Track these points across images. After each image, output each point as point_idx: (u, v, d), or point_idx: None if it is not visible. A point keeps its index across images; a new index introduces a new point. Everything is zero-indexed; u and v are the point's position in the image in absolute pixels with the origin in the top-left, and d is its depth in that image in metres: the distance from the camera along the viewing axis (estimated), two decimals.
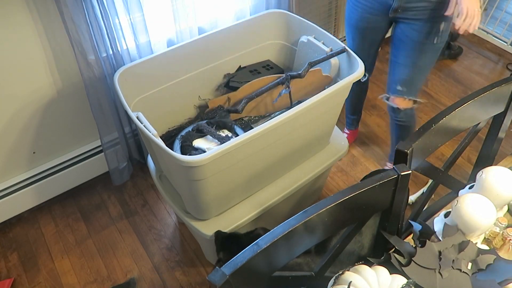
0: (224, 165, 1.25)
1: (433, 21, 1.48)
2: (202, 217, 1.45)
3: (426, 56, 1.56)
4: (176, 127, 1.62)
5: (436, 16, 1.46)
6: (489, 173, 1.05)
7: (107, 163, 1.88)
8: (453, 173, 1.54)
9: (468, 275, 0.91)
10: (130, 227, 1.91)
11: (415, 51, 1.55)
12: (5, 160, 1.73)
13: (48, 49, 1.56)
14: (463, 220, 0.98)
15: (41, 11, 1.46)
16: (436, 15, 1.46)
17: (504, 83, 1.21)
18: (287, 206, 1.74)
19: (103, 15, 1.50)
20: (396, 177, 0.95)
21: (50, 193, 1.93)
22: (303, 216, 0.87)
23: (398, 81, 1.63)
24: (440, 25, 1.48)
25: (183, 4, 1.66)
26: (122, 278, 1.75)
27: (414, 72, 1.60)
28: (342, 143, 1.72)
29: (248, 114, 1.63)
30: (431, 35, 1.50)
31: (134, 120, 1.25)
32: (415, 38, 1.52)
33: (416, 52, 1.55)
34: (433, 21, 1.48)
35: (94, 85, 1.64)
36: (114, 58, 1.63)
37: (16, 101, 1.61)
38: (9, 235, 1.88)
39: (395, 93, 1.67)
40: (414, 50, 1.55)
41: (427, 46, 1.53)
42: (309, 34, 1.63)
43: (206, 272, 1.76)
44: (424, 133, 1.07)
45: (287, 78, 1.54)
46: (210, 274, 0.77)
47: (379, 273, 0.88)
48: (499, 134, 1.32)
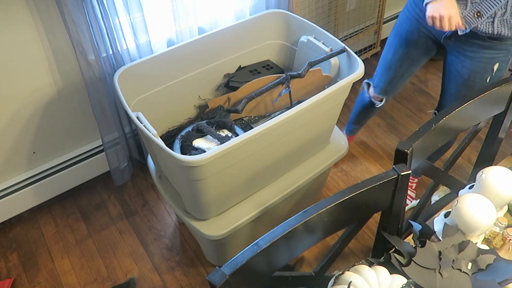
0: (224, 165, 1.25)
1: (486, 61, 1.40)
2: (202, 217, 1.45)
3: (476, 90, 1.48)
4: (176, 127, 1.62)
5: (490, 57, 1.39)
6: (489, 173, 1.05)
7: (108, 163, 1.88)
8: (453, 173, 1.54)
9: (468, 275, 0.91)
10: (130, 227, 1.91)
11: (465, 87, 1.48)
12: (5, 160, 1.73)
13: (48, 49, 1.56)
14: (463, 220, 0.98)
15: (41, 11, 1.46)
16: (490, 56, 1.38)
17: (504, 83, 1.21)
18: (287, 206, 1.74)
19: (103, 15, 1.50)
20: (396, 177, 0.95)
21: (50, 193, 1.93)
22: (303, 216, 0.87)
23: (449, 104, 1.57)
24: (494, 66, 1.41)
25: (183, 4, 1.66)
26: (122, 278, 1.75)
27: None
28: (342, 143, 1.72)
29: (248, 114, 1.63)
30: (484, 75, 1.43)
31: (134, 120, 1.25)
32: (466, 76, 1.45)
33: (466, 88, 1.48)
34: (486, 61, 1.40)
35: (94, 85, 1.64)
36: (114, 58, 1.63)
37: (16, 101, 1.61)
38: (9, 235, 1.88)
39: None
40: (464, 86, 1.48)
41: (478, 84, 1.45)
42: (309, 34, 1.63)
43: (206, 272, 1.76)
44: (424, 133, 1.07)
45: (287, 78, 1.54)
46: (210, 274, 0.77)
47: (379, 273, 0.88)
48: (499, 134, 1.32)
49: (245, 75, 1.68)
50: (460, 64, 1.45)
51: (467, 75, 1.45)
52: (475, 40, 1.37)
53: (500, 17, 1.27)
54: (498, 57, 1.39)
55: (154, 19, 1.68)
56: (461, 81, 1.48)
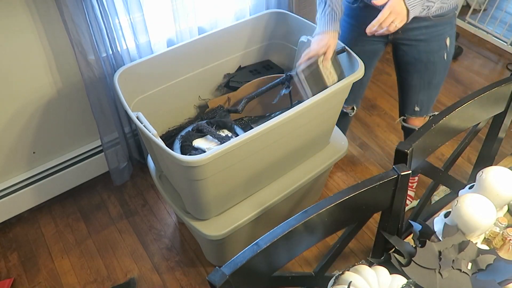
0: (224, 165, 1.25)
1: (437, 38, 1.44)
2: (202, 217, 1.45)
3: (439, 73, 1.52)
4: (176, 127, 1.62)
5: (440, 34, 1.44)
6: (489, 173, 1.05)
7: (108, 163, 1.89)
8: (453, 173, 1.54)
9: (468, 275, 0.91)
10: (130, 227, 1.91)
11: (427, 71, 1.51)
12: (5, 160, 1.73)
13: (48, 49, 1.56)
14: (463, 220, 0.98)
15: (41, 11, 1.46)
16: (439, 32, 1.43)
17: (504, 83, 1.21)
18: (287, 206, 1.74)
19: (103, 15, 1.50)
20: (396, 177, 0.95)
21: (50, 193, 1.93)
22: (303, 216, 0.87)
23: (415, 103, 1.61)
24: (446, 40, 1.46)
25: (183, 4, 1.66)
26: (122, 278, 1.75)
27: (429, 91, 1.57)
28: (342, 143, 1.72)
29: (248, 114, 1.63)
30: (440, 52, 1.47)
31: (134, 120, 1.25)
32: (424, 59, 1.48)
33: (429, 72, 1.51)
34: (438, 38, 1.44)
35: (94, 85, 1.64)
36: (114, 58, 1.63)
37: (16, 101, 1.61)
38: (9, 235, 1.88)
39: (412, 115, 1.65)
40: (427, 70, 1.51)
41: (438, 64, 1.49)
42: (309, 34, 1.63)
43: (206, 272, 1.76)
44: (424, 133, 1.07)
45: (287, 78, 1.54)
46: (210, 274, 0.77)
47: (379, 273, 0.88)
48: (499, 134, 1.32)
49: (245, 75, 1.68)
50: (415, 50, 1.48)
51: (426, 57, 1.48)
52: (422, 23, 1.41)
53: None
54: (446, 31, 1.44)
55: (154, 19, 1.68)
56: (422, 67, 1.51)
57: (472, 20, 3.04)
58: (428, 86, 1.55)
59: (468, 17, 3.04)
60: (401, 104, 1.69)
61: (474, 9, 3.06)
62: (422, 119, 1.66)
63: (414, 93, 1.59)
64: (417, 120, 1.67)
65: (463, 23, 3.08)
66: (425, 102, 1.61)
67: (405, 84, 1.60)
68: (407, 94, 1.62)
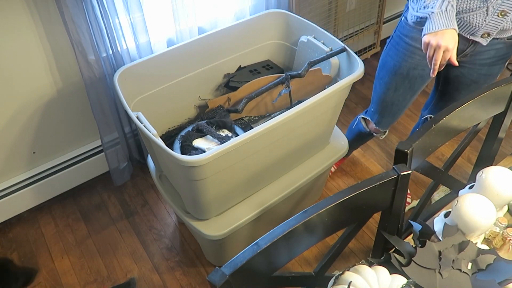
0: (224, 165, 1.25)
1: (501, 62, 1.38)
2: (202, 217, 1.45)
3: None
4: (176, 127, 1.62)
5: (504, 57, 1.37)
6: (489, 173, 1.05)
7: (108, 163, 1.88)
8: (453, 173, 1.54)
9: (468, 275, 0.91)
10: (130, 227, 1.91)
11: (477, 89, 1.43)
12: (5, 160, 1.73)
13: (48, 49, 1.56)
14: (463, 220, 0.97)
15: (41, 11, 1.46)
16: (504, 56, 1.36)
17: (504, 83, 1.21)
18: (287, 206, 1.74)
19: (103, 15, 1.50)
20: (396, 177, 0.95)
21: (50, 193, 1.93)
22: (303, 216, 0.87)
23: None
24: (506, 63, 1.40)
25: (183, 4, 1.66)
26: (122, 278, 1.75)
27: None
28: (342, 143, 1.72)
29: (248, 114, 1.63)
30: (497, 74, 1.42)
31: (134, 120, 1.25)
32: (482, 82, 1.42)
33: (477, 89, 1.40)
34: (501, 62, 1.38)
35: (94, 85, 1.64)
36: (114, 58, 1.63)
37: (16, 101, 1.61)
38: (9, 235, 1.88)
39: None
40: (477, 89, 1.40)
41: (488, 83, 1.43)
42: (309, 34, 1.63)
43: (206, 272, 1.76)
44: (424, 133, 1.07)
45: (287, 78, 1.54)
46: (210, 274, 0.77)
47: (379, 273, 0.88)
48: (499, 134, 1.32)
49: (245, 75, 1.68)
50: (476, 73, 1.40)
51: (483, 80, 1.42)
52: (494, 46, 1.33)
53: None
54: (509, 53, 1.37)
55: (154, 19, 1.68)
56: (474, 87, 1.45)
57: None
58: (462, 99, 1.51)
59: None
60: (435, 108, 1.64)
61: None
62: None
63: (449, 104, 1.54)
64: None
65: None
66: None
67: (447, 97, 1.54)
68: (445, 104, 1.55)
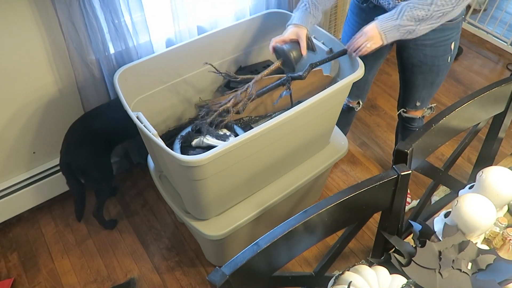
0: (224, 165, 1.25)
1: (444, 43, 1.46)
2: (202, 217, 1.45)
3: (442, 74, 1.56)
4: (176, 127, 1.62)
5: (446, 39, 1.45)
6: (489, 173, 1.05)
7: None
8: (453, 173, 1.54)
9: (468, 275, 0.91)
10: (130, 227, 1.91)
11: (431, 73, 1.54)
12: (5, 160, 1.73)
13: (48, 49, 1.56)
14: (463, 220, 0.98)
15: (41, 11, 1.46)
16: (446, 38, 1.45)
17: (504, 83, 1.21)
18: (287, 206, 1.74)
19: (103, 15, 1.50)
20: (396, 177, 0.95)
21: (50, 193, 1.93)
22: (303, 216, 0.87)
23: (417, 99, 1.65)
24: (451, 45, 1.48)
25: (183, 4, 1.66)
26: (122, 278, 1.75)
27: (431, 89, 1.61)
28: (342, 143, 1.72)
29: (248, 114, 1.62)
30: (445, 56, 1.49)
31: (134, 120, 1.25)
32: (430, 63, 1.51)
33: (433, 74, 1.54)
34: (444, 43, 1.46)
35: (94, 85, 1.64)
36: (114, 58, 1.63)
37: (16, 101, 1.61)
38: (9, 235, 1.88)
39: (413, 108, 1.70)
40: (431, 72, 1.54)
41: (442, 66, 1.52)
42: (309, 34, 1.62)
43: (206, 272, 1.76)
44: (424, 133, 1.08)
45: (288, 80, 1.54)
46: (210, 274, 0.77)
47: (379, 273, 0.88)
48: (499, 134, 1.32)
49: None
50: (421, 54, 1.50)
51: (431, 61, 1.51)
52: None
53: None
54: (452, 36, 1.46)
55: (153, 19, 1.68)
56: (427, 69, 1.54)
57: (472, 20, 3.04)
58: (431, 85, 1.60)
59: (468, 17, 3.04)
60: (403, 100, 1.73)
61: (474, 9, 3.06)
62: (422, 110, 1.72)
63: (417, 91, 1.63)
64: (417, 112, 1.73)
65: (463, 23, 3.08)
66: (426, 98, 1.66)
67: (408, 83, 1.64)
68: (410, 91, 1.66)
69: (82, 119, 1.65)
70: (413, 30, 1.26)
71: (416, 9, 1.22)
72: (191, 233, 1.87)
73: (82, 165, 1.62)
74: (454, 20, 1.42)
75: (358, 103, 1.85)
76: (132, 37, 1.62)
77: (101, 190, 1.76)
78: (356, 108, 1.86)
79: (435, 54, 1.49)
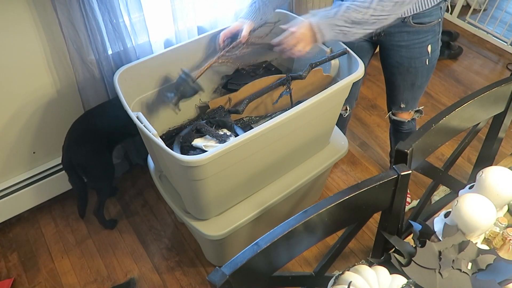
0: (224, 165, 1.25)
1: (418, 46, 1.47)
2: (202, 217, 1.45)
3: (421, 76, 1.55)
4: (176, 127, 1.62)
5: (421, 41, 1.46)
6: (489, 173, 1.05)
7: None
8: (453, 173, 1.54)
9: (468, 275, 0.91)
10: (130, 227, 1.91)
11: (409, 74, 1.55)
12: (5, 160, 1.73)
13: (47, 49, 1.56)
14: (463, 220, 0.97)
15: (40, 11, 1.46)
16: (420, 40, 1.45)
17: (504, 83, 1.21)
18: (287, 206, 1.74)
19: (103, 15, 1.50)
20: (396, 177, 0.95)
21: (50, 193, 1.93)
22: (303, 216, 0.87)
23: (401, 100, 1.66)
24: (428, 48, 1.48)
25: (182, 4, 1.66)
26: (122, 278, 1.75)
27: (413, 91, 1.61)
28: (342, 143, 1.72)
29: (248, 115, 1.62)
30: (421, 58, 1.49)
31: (134, 120, 1.25)
32: (406, 64, 1.52)
33: (411, 75, 1.55)
34: (419, 46, 1.47)
35: (93, 85, 1.64)
36: (114, 58, 1.63)
37: (16, 101, 1.61)
38: (9, 235, 1.88)
39: (399, 110, 1.70)
40: (409, 74, 1.54)
41: (419, 68, 1.52)
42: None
43: (206, 272, 1.76)
44: (424, 133, 1.07)
45: (288, 79, 1.54)
46: (210, 274, 0.77)
47: (379, 273, 0.88)
48: (499, 134, 1.32)
49: (243, 77, 1.67)
50: (398, 55, 1.51)
51: (407, 62, 1.51)
52: (403, 29, 1.43)
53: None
54: (428, 39, 1.46)
55: (153, 19, 1.68)
56: (404, 70, 1.54)
57: (472, 20, 3.04)
58: (411, 87, 1.59)
59: (468, 17, 3.04)
60: (388, 101, 1.74)
61: (474, 9, 3.06)
62: (410, 113, 1.72)
63: (399, 92, 1.64)
64: (404, 114, 1.73)
65: (463, 23, 3.08)
66: (410, 100, 1.66)
67: (390, 84, 1.65)
68: (393, 92, 1.67)
69: (84, 117, 1.65)
70: (347, 31, 1.21)
71: (353, 11, 1.17)
72: (191, 233, 1.87)
73: (83, 161, 1.63)
74: (429, 23, 1.42)
75: (346, 109, 1.84)
76: (130, 37, 1.62)
77: (102, 188, 1.76)
78: (344, 114, 1.84)
79: (411, 55, 1.49)
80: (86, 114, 1.67)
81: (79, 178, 1.68)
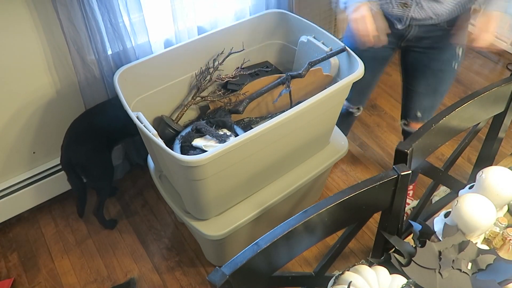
0: (224, 165, 1.25)
1: (450, 48, 1.44)
2: (202, 217, 1.45)
3: (446, 81, 1.52)
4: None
5: (452, 44, 1.43)
6: (489, 173, 1.05)
7: None
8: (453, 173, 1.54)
9: (468, 275, 0.91)
10: (130, 227, 1.91)
11: (435, 79, 1.51)
12: (5, 160, 1.73)
13: (47, 49, 1.56)
14: (463, 220, 0.97)
15: (41, 12, 1.46)
16: (451, 43, 1.43)
17: (504, 83, 1.21)
18: (287, 206, 1.74)
19: (102, 15, 1.50)
20: (396, 177, 0.95)
21: (50, 193, 1.93)
22: (303, 216, 0.87)
23: (418, 108, 1.61)
24: (458, 50, 1.46)
25: (182, 4, 1.66)
26: (122, 278, 1.75)
27: (435, 98, 1.57)
28: (342, 143, 1.72)
29: (249, 114, 1.62)
30: (451, 61, 1.47)
31: (134, 120, 1.25)
32: (434, 67, 1.48)
33: (437, 80, 1.51)
34: (450, 48, 1.44)
35: (93, 85, 1.64)
36: (114, 58, 1.63)
37: (16, 101, 1.61)
38: (9, 235, 1.88)
39: (414, 120, 1.65)
40: (435, 78, 1.51)
41: (447, 72, 1.50)
42: (309, 34, 1.63)
43: (206, 272, 1.76)
44: (424, 133, 1.08)
45: (288, 78, 1.54)
46: (210, 274, 0.77)
47: (379, 273, 0.88)
48: (499, 134, 1.32)
49: (243, 77, 1.67)
50: (427, 58, 1.48)
51: (435, 65, 1.48)
52: (436, 32, 1.41)
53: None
54: (460, 41, 1.44)
55: (153, 19, 1.68)
56: (430, 74, 1.51)
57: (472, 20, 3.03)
58: (433, 93, 1.56)
59: None
60: (404, 108, 1.69)
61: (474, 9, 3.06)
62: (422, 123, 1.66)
63: (418, 99, 1.59)
64: (418, 125, 1.67)
65: None
66: (427, 109, 1.61)
67: (410, 90, 1.60)
68: (411, 99, 1.62)
69: (84, 115, 1.65)
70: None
71: None
72: (191, 233, 1.87)
73: (82, 161, 1.63)
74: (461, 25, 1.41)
75: (358, 108, 1.82)
76: (130, 37, 1.62)
77: (101, 188, 1.76)
78: (355, 113, 1.83)
79: (441, 58, 1.46)
80: (86, 113, 1.66)
81: (78, 177, 1.68)
